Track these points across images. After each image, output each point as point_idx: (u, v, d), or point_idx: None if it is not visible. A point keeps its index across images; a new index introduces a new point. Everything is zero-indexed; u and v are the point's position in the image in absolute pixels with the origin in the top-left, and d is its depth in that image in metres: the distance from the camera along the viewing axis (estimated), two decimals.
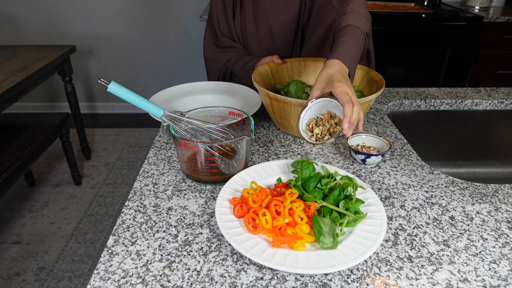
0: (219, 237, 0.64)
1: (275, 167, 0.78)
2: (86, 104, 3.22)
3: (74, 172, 2.24)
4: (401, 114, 1.21)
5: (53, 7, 2.80)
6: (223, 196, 0.69)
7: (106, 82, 0.69)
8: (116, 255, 0.60)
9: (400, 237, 0.65)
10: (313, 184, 0.69)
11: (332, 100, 0.77)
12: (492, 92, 1.26)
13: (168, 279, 0.56)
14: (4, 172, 1.59)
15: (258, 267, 0.59)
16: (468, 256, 0.61)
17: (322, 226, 0.60)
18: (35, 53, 2.07)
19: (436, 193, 0.76)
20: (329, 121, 0.80)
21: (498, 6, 2.69)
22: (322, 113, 0.81)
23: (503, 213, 0.71)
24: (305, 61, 1.09)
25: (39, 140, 1.84)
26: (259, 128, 1.01)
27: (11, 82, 1.66)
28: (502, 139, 1.26)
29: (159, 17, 2.87)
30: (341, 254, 0.57)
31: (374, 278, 0.57)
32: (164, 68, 3.07)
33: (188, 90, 1.12)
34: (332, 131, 0.78)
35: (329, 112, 0.81)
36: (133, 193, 0.75)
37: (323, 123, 0.80)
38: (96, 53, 3.01)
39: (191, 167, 0.75)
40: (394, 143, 0.94)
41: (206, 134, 0.81)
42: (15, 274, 1.68)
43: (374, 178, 0.81)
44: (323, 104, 0.79)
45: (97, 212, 2.07)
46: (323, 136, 0.78)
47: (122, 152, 2.64)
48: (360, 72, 1.04)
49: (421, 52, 2.47)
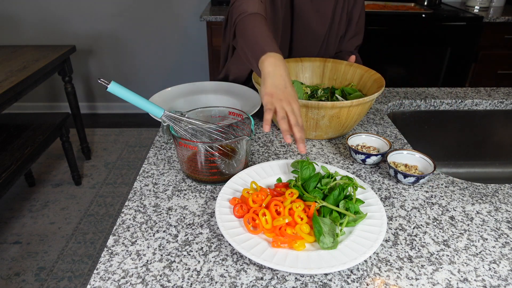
0: (219, 237, 0.64)
1: (275, 167, 0.78)
2: (86, 104, 3.22)
3: (74, 172, 2.24)
4: (401, 114, 1.21)
5: (53, 7, 2.80)
6: (223, 196, 0.69)
7: (106, 82, 0.69)
8: (116, 255, 0.60)
9: (400, 237, 0.65)
10: (313, 184, 0.69)
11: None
12: (492, 92, 1.26)
13: (168, 279, 0.56)
14: (4, 172, 1.59)
15: (258, 267, 0.59)
16: (468, 256, 0.61)
17: (322, 226, 0.60)
18: (35, 53, 2.07)
19: (436, 193, 0.76)
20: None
21: (498, 6, 2.69)
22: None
23: (503, 213, 0.71)
24: (302, 61, 1.10)
25: (39, 140, 1.84)
26: (259, 128, 1.01)
27: (11, 82, 1.66)
28: (502, 139, 1.26)
29: (159, 17, 2.87)
30: (341, 254, 0.57)
31: (374, 278, 0.57)
32: (164, 68, 3.07)
33: (188, 90, 1.12)
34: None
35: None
36: (133, 193, 0.75)
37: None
38: (96, 53, 3.01)
39: (191, 167, 0.75)
40: (394, 143, 0.94)
41: (206, 134, 0.81)
42: (15, 274, 1.68)
43: (374, 178, 0.81)
44: None
45: (97, 212, 2.07)
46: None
47: (122, 152, 2.64)
48: (358, 71, 1.04)
49: (421, 52, 2.47)
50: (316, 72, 1.10)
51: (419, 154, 0.81)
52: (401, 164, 0.82)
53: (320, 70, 1.10)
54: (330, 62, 1.09)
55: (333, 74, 1.09)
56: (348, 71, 1.06)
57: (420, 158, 0.81)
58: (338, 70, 1.08)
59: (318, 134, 0.92)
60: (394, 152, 0.82)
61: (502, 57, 2.53)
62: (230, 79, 1.23)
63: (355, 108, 0.85)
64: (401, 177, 0.77)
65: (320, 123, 0.87)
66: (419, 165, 0.81)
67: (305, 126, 0.89)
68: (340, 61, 1.08)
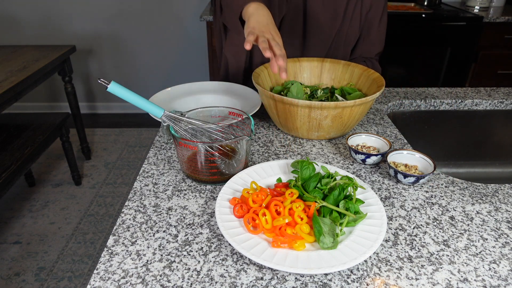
0: (219, 237, 0.64)
1: (275, 167, 0.78)
2: (86, 104, 3.22)
3: (74, 172, 2.24)
4: (401, 114, 1.21)
5: (53, 7, 2.80)
6: (223, 196, 0.69)
7: (106, 82, 0.69)
8: (116, 255, 0.60)
9: (400, 237, 0.65)
10: (313, 184, 0.69)
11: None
12: (492, 92, 1.26)
13: (168, 279, 0.56)
14: (4, 172, 1.59)
15: (258, 267, 0.59)
16: (468, 256, 0.61)
17: (322, 226, 0.60)
18: (35, 53, 2.07)
19: (436, 193, 0.76)
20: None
21: (498, 6, 2.69)
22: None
23: (503, 213, 0.71)
24: (300, 61, 1.10)
25: (39, 140, 1.84)
26: (259, 128, 1.01)
27: (11, 82, 1.67)
28: (502, 139, 1.26)
29: (159, 17, 2.87)
30: (341, 254, 0.57)
31: (374, 278, 0.57)
32: (164, 68, 3.07)
33: (188, 90, 1.12)
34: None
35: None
36: (133, 193, 0.75)
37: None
38: (96, 53, 3.01)
39: (191, 167, 0.75)
40: (394, 143, 0.94)
41: (206, 134, 0.81)
42: (15, 274, 1.68)
43: (374, 178, 0.81)
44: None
45: (97, 212, 2.07)
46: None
47: (122, 152, 2.64)
48: (356, 70, 1.04)
49: (421, 52, 2.47)
50: (314, 72, 1.10)
51: (419, 154, 0.81)
52: (401, 164, 0.82)
53: (318, 70, 1.10)
54: (327, 62, 1.09)
55: (331, 73, 1.09)
56: (346, 70, 1.06)
57: (420, 158, 0.81)
58: (336, 69, 1.08)
59: (321, 134, 0.92)
60: (394, 152, 0.82)
61: (502, 57, 2.53)
62: (231, 71, 1.21)
63: (357, 107, 0.85)
64: (401, 177, 0.77)
65: (322, 123, 0.87)
66: (419, 165, 0.81)
67: (308, 127, 0.89)
68: (337, 61, 1.08)
